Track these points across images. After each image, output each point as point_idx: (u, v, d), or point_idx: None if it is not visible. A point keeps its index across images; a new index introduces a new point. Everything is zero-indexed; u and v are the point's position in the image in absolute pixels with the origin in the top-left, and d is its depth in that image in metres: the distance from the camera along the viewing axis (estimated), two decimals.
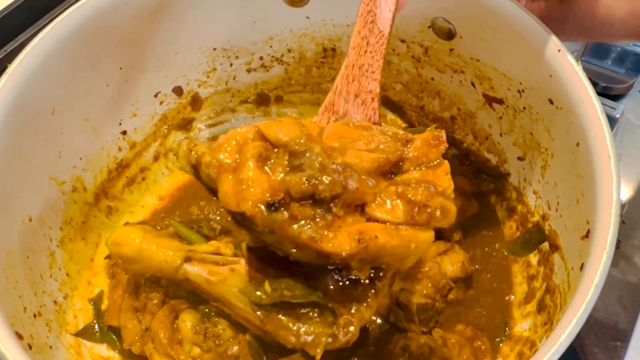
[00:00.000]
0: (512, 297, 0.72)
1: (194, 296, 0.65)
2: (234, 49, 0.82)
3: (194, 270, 0.60)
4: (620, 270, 0.82)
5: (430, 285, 0.69)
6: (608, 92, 0.95)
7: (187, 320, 0.63)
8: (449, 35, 0.72)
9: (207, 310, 0.64)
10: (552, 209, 0.68)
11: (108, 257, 0.74)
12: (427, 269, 0.70)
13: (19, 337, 0.54)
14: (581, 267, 0.54)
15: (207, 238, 0.70)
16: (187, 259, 0.61)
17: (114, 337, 0.69)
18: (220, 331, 0.63)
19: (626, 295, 0.80)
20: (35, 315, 0.63)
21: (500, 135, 0.76)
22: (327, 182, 0.47)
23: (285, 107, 0.88)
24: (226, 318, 0.64)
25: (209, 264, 0.60)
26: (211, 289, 0.60)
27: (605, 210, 0.52)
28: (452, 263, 0.71)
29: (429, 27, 0.73)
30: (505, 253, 0.75)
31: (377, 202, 0.50)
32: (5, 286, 0.59)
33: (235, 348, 0.62)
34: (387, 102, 0.85)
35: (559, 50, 0.60)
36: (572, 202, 0.61)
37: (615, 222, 0.51)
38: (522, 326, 0.68)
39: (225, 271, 0.59)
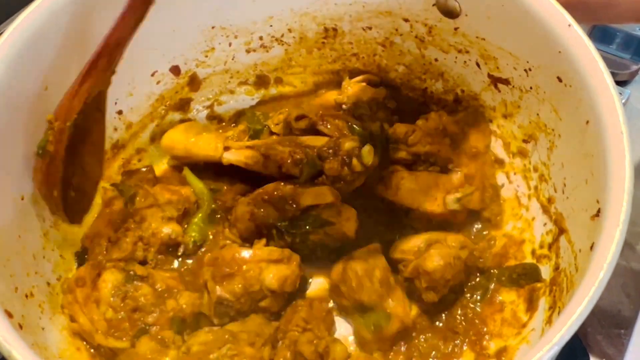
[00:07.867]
0: None
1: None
2: (233, 27, 0.80)
3: (234, 156, 0.74)
4: (624, 258, 0.81)
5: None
6: (613, 78, 0.93)
7: (108, 281, 0.61)
8: (454, 13, 0.70)
9: (132, 273, 0.62)
10: (558, 191, 0.66)
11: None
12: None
13: (9, 315, 0.53)
14: (591, 247, 0.52)
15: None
16: (226, 149, 0.75)
17: None
18: (141, 297, 0.61)
19: (630, 282, 0.79)
20: (27, 296, 0.61)
21: (505, 117, 0.74)
22: None
23: (285, 89, 0.86)
24: (151, 285, 0.62)
25: (244, 149, 0.74)
26: (250, 166, 0.73)
27: (618, 187, 0.50)
28: (441, 255, 0.64)
29: (433, 4, 0.71)
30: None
31: None
32: None
33: (155, 315, 0.60)
34: (388, 85, 0.84)
35: (569, 25, 0.58)
36: (580, 182, 0.59)
37: (628, 200, 0.49)
38: None
39: (257, 155, 0.72)
